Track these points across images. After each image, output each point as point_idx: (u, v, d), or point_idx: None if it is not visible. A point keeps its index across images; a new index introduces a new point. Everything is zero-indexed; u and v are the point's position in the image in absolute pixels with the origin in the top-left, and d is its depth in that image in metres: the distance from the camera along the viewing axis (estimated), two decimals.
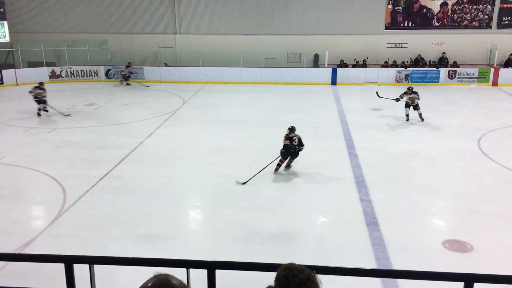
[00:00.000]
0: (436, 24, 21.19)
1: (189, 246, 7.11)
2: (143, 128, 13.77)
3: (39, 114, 15.12)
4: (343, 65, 21.36)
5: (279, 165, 10.09)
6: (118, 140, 12.67)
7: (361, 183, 9.48)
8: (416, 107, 14.19)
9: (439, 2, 20.95)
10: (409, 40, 21.36)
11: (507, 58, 20.36)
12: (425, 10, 21.13)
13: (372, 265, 6.31)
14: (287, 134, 10.08)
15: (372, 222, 7.72)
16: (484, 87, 19.76)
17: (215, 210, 8.44)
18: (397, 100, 14.45)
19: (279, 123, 14.41)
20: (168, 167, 10.57)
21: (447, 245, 6.96)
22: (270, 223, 7.80)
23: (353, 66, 21.42)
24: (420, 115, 14.30)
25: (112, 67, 22.08)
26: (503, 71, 19.91)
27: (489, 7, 20.64)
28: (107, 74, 22.12)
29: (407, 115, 14.35)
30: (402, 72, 20.46)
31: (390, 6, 21.29)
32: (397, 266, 6.34)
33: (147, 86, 20.43)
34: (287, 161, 10.18)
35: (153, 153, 11.59)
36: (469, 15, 20.88)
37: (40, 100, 15.03)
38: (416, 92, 14.17)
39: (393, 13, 21.34)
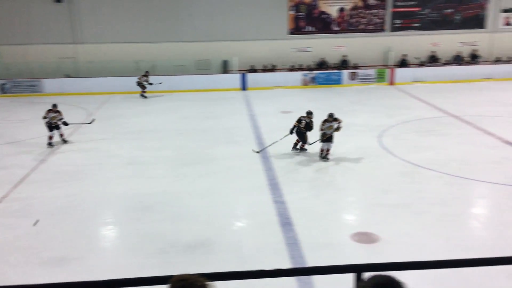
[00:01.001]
0: (336, 28, 22.33)
1: (101, 265, 6.78)
2: (45, 144, 12.93)
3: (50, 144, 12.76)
4: (253, 70, 21.75)
5: (295, 144, 11.70)
6: (17, 159, 11.79)
7: (274, 186, 9.67)
8: (330, 138, 11.09)
9: (337, 8, 22.11)
10: (313, 44, 22.27)
11: (401, 58, 21.98)
12: (324, 15, 22.19)
13: (287, 264, 6.46)
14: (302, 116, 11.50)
15: (286, 223, 7.91)
16: (383, 86, 21.16)
17: (128, 225, 8.15)
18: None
19: (193, 131, 14.32)
20: (75, 185, 10.02)
21: (356, 237, 7.32)
22: (186, 233, 7.68)
23: (263, 71, 21.90)
24: (328, 150, 11.16)
25: (8, 81, 20.54)
26: (398, 71, 21.47)
27: (382, 11, 22.17)
28: (2, 88, 20.52)
29: (322, 150, 11.16)
30: (308, 75, 21.29)
31: (292, 12, 22.07)
32: (311, 263, 6.54)
33: (160, 83, 19.50)
34: (296, 140, 11.58)
35: (57, 170, 10.93)
36: (364, 19, 22.26)
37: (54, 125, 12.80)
38: (337, 119, 11.19)
39: (296, 19, 22.14)
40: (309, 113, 11.77)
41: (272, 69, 21.93)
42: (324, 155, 11.14)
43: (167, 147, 12.65)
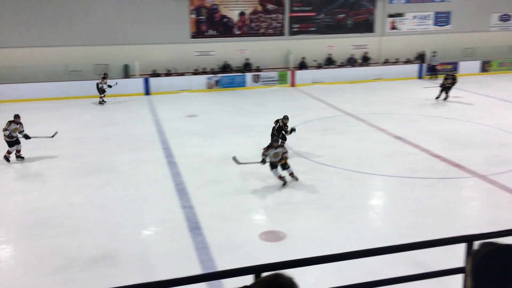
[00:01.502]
0: (237, 32, 22.66)
1: None
2: None
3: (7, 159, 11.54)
4: (156, 74, 21.29)
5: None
6: None
7: (182, 190, 9.55)
8: (284, 165, 9.72)
9: (237, 12, 22.45)
10: (216, 48, 22.37)
11: (300, 61, 22.88)
12: (226, 19, 22.41)
13: (196, 269, 6.41)
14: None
15: (195, 227, 7.84)
16: (284, 88, 21.87)
17: (24, 243, 7.54)
18: (263, 162, 9.70)
19: (95, 138, 13.66)
20: None
21: (264, 237, 7.48)
22: (89, 246, 7.30)
23: (166, 75, 21.52)
24: (291, 174, 9.83)
25: None
26: (298, 73, 22.33)
27: (280, 16, 22.92)
28: None
29: (281, 177, 9.67)
30: (212, 78, 21.35)
31: (193, 16, 21.99)
32: (221, 266, 6.55)
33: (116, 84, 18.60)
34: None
35: None
36: (264, 23, 22.85)
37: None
38: (283, 146, 9.96)
39: (198, 23, 22.09)
40: (284, 118, 11.70)
41: (176, 73, 21.64)
42: (284, 183, 9.63)
43: (66, 157, 11.93)
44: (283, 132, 11.52)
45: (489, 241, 1.36)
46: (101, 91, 18.59)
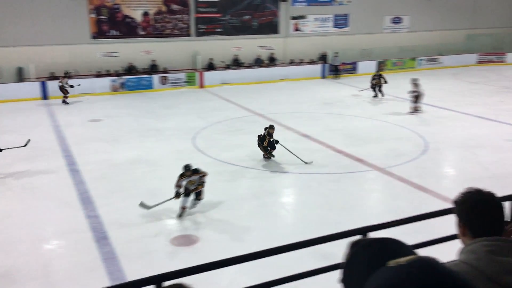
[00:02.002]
0: (142, 33, 22.03)
1: None
2: None
3: None
4: (53, 77, 19.96)
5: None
6: None
7: (86, 199, 9.03)
8: (198, 195, 8.65)
9: (141, 12, 21.82)
10: (119, 49, 21.54)
11: (208, 62, 22.81)
12: (129, 19, 21.68)
13: (104, 281, 6.07)
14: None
15: (101, 237, 7.45)
16: (193, 89, 21.67)
17: None
18: (177, 196, 8.43)
19: None
20: None
21: (176, 242, 7.30)
22: None
23: (65, 77, 20.25)
24: (197, 199, 8.68)
25: None
26: (207, 74, 22.25)
27: (186, 16, 22.67)
28: None
29: (184, 208, 8.41)
30: (117, 80, 20.53)
31: (93, 16, 20.98)
32: (130, 276, 6.27)
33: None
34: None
35: None
36: (170, 24, 22.46)
37: None
38: (197, 172, 8.58)
39: (98, 23, 21.12)
40: (270, 127, 11.36)
41: (77, 75, 20.47)
42: (180, 214, 8.37)
43: None
44: (270, 140, 11.19)
45: (360, 239, 1.47)
46: (64, 91, 18.00)
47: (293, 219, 8.62)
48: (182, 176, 8.43)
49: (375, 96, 18.76)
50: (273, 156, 11.36)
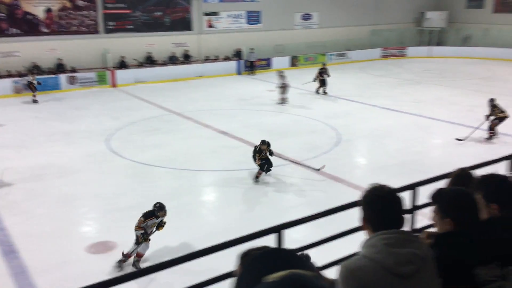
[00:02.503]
0: (45, 30, 20.69)
1: None
2: None
3: None
4: None
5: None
6: None
7: None
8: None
9: (43, 8, 20.48)
10: (20, 48, 20.07)
11: (120, 60, 21.99)
12: (30, 16, 20.26)
13: None
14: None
15: (9, 251, 6.92)
16: (105, 89, 20.79)
17: None
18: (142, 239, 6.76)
19: None
20: None
21: (92, 249, 6.99)
22: None
23: None
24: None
25: None
26: (119, 73, 21.45)
27: (93, 13, 21.65)
28: None
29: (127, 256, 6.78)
30: (20, 81, 19.12)
31: None
32: None
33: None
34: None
35: None
36: (76, 21, 21.32)
37: None
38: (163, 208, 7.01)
39: None
40: (261, 143, 9.86)
41: None
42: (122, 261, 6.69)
43: None
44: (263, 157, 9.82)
45: (247, 252, 1.60)
46: (33, 88, 17.81)
47: (215, 218, 8.61)
48: (148, 217, 6.72)
49: (318, 90, 18.90)
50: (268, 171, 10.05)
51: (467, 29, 29.53)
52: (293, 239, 2.79)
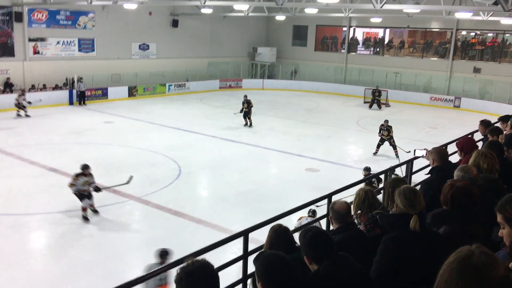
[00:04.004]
0: None
1: None
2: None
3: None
4: None
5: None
6: None
7: None
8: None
9: None
10: None
11: None
12: None
13: None
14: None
15: None
16: None
17: None
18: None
19: None
20: None
21: None
22: None
23: None
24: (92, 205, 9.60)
25: None
26: None
27: None
28: None
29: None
30: None
31: None
32: None
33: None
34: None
35: None
36: None
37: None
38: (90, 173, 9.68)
39: None
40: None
41: None
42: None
43: None
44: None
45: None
46: (21, 106, 18.30)
47: (43, 267, 7.65)
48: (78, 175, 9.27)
49: (246, 123, 18.86)
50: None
51: (294, 65, 32.52)
52: None
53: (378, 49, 30.89)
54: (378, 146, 14.56)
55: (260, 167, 13.65)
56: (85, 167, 9.48)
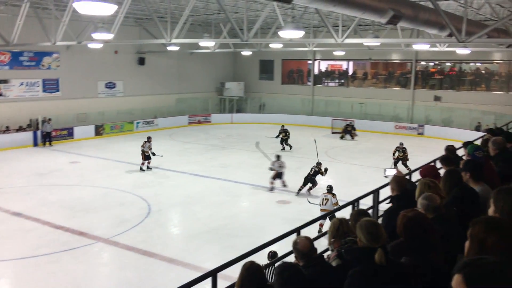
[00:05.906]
0: None
1: None
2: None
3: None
4: None
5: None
6: None
7: None
8: None
9: None
10: None
11: None
12: None
13: None
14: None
15: None
16: None
17: None
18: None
19: None
20: None
21: None
22: None
23: None
24: None
25: None
26: None
27: None
28: None
29: None
30: None
31: None
32: None
33: None
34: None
35: None
36: None
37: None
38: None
39: None
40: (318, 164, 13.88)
41: None
42: None
43: None
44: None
45: None
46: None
47: None
48: None
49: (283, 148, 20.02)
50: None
51: (261, 98, 32.94)
52: None
53: (343, 81, 31.73)
54: (395, 164, 16.64)
55: (231, 202, 13.54)
56: (149, 137, 16.68)
